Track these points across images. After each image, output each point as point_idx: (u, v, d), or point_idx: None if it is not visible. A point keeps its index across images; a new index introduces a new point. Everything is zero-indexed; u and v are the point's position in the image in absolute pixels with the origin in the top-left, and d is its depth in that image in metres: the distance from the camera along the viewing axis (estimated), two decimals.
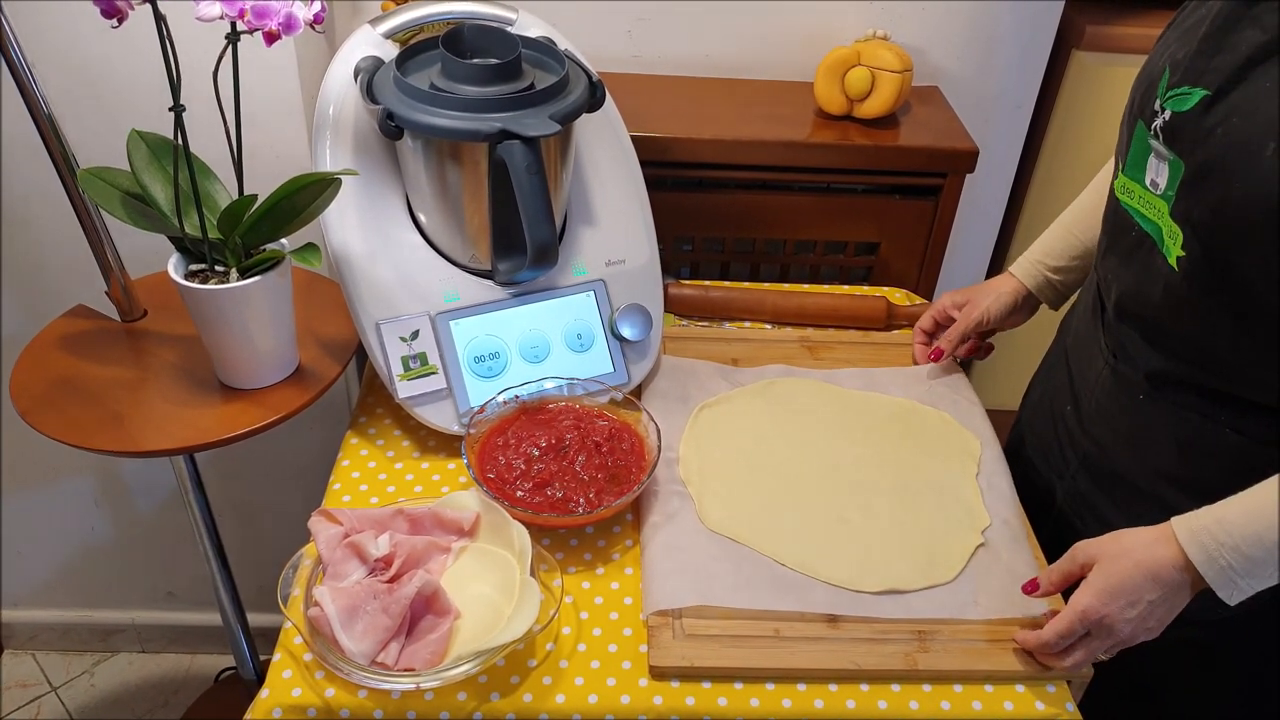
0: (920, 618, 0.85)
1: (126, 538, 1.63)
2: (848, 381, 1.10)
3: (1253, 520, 0.73)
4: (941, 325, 1.15)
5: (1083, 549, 0.80)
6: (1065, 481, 1.01)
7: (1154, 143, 0.82)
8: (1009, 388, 2.02)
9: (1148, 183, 0.83)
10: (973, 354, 1.13)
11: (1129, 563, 0.77)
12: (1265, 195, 0.71)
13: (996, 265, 1.81)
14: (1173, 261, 0.80)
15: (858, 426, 1.04)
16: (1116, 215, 0.89)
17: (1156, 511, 0.81)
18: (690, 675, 0.81)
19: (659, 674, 0.81)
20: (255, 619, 1.35)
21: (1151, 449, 0.89)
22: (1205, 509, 0.76)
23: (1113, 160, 1.02)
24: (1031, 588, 0.85)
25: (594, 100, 0.96)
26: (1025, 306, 1.10)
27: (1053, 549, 0.96)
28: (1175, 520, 0.76)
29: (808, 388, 1.09)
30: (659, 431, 0.94)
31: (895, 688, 0.81)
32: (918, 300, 1.27)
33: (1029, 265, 1.09)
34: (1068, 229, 1.08)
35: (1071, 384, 1.00)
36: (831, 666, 0.81)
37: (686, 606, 0.84)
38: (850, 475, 0.98)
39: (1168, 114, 0.80)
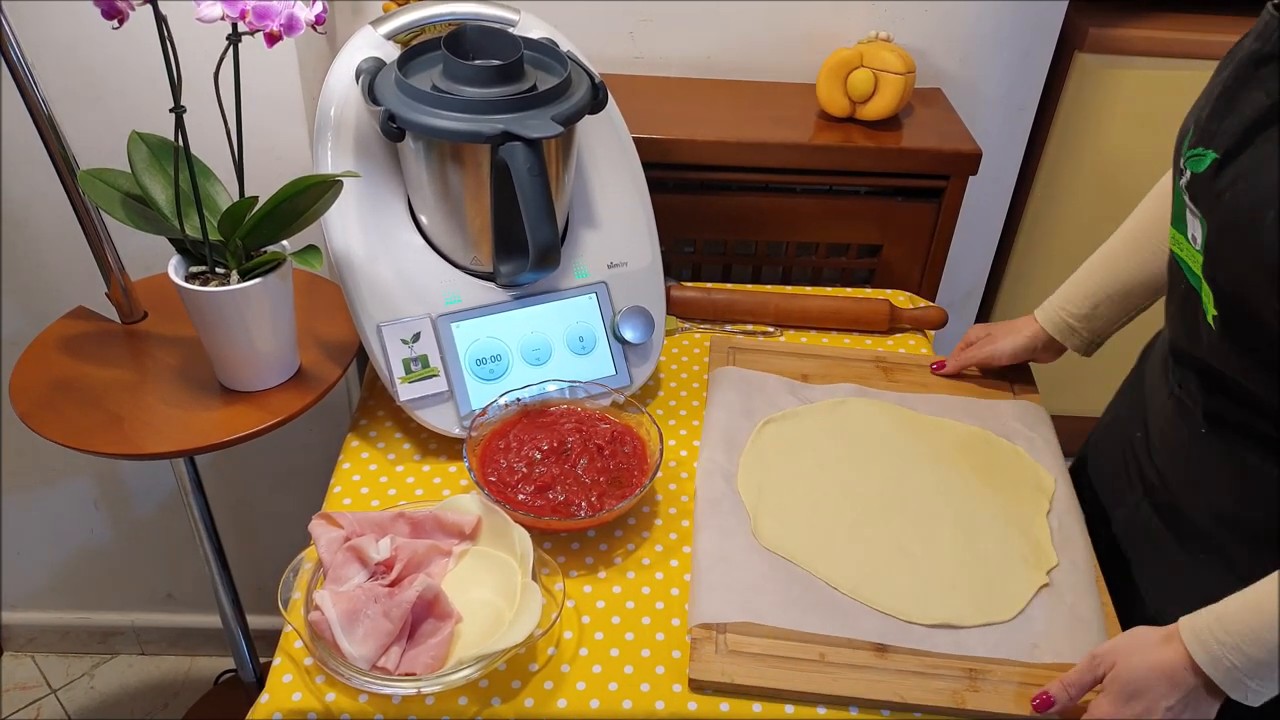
0: (973, 655, 0.82)
1: (126, 540, 1.62)
2: (921, 406, 1.07)
3: (1252, 618, 0.70)
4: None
5: (1101, 655, 0.77)
6: (1125, 509, 0.98)
7: (1185, 199, 0.80)
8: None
9: (1189, 237, 0.80)
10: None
11: (1142, 663, 0.74)
12: (1268, 264, 0.69)
13: (999, 267, 1.80)
14: (1209, 320, 0.79)
15: (927, 453, 1.00)
16: (1172, 263, 0.86)
17: (1215, 556, 0.79)
18: (729, 692, 0.79)
19: (698, 687, 0.79)
20: (255, 621, 1.35)
21: (1210, 487, 0.86)
22: (1209, 608, 0.73)
23: (1148, 198, 1.01)
24: (1043, 705, 0.78)
25: (596, 102, 0.96)
26: (1048, 349, 1.08)
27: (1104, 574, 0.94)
28: (1182, 620, 0.74)
29: (878, 409, 1.06)
30: (661, 435, 0.93)
31: None
32: (921, 302, 1.27)
33: (1051, 310, 1.07)
34: (1091, 274, 1.04)
35: (1145, 410, 0.97)
36: (874, 696, 0.78)
37: (731, 622, 0.82)
38: (914, 502, 0.95)
39: (1188, 174, 0.79)
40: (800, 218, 1.34)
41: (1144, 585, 0.94)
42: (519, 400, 0.97)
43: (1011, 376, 1.13)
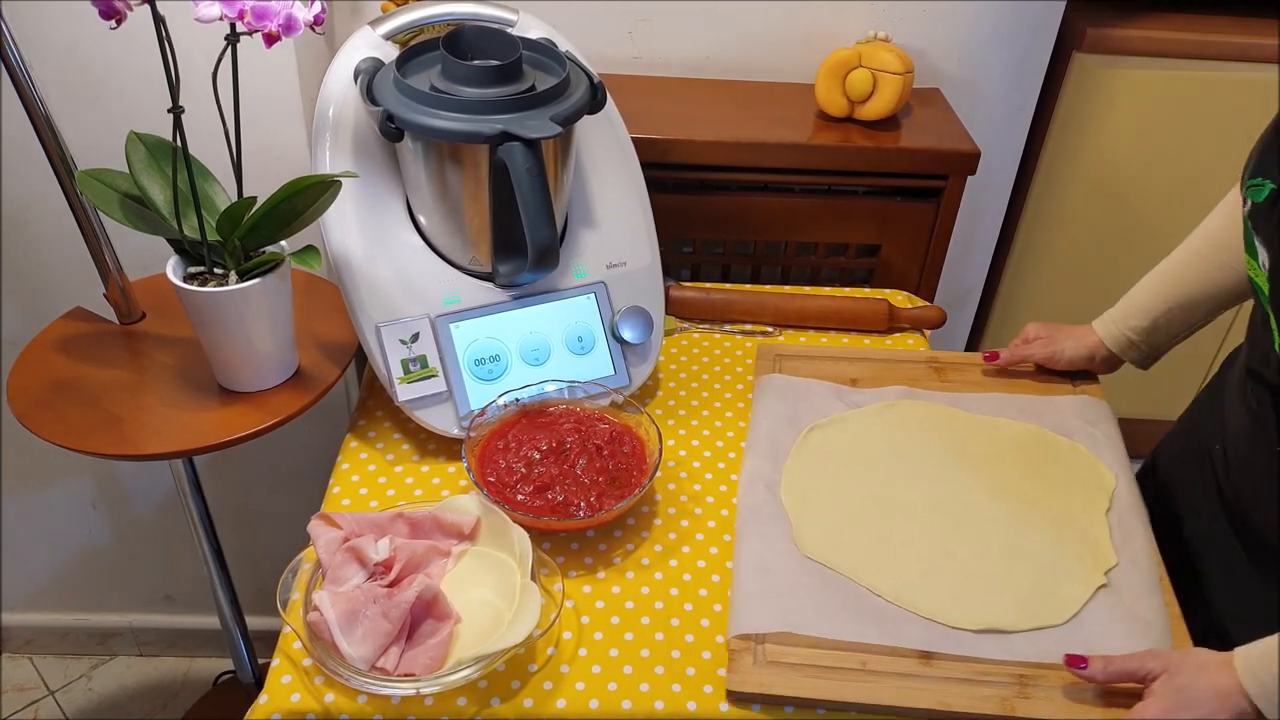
0: (1023, 660, 0.80)
1: (125, 541, 1.62)
2: (975, 406, 1.05)
3: None
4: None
5: (1156, 657, 0.76)
6: (1199, 521, 0.96)
7: (1249, 227, 0.80)
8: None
9: (1260, 263, 0.79)
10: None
11: (1202, 680, 0.73)
12: None
13: (997, 267, 1.81)
14: (1276, 345, 0.78)
15: (979, 454, 0.98)
16: (1251, 284, 0.85)
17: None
18: (770, 702, 0.78)
19: (737, 699, 0.78)
20: (254, 622, 1.34)
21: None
22: (1265, 640, 0.72)
23: (1214, 213, 0.99)
24: (1075, 662, 0.77)
25: (595, 102, 0.96)
26: (1105, 363, 1.07)
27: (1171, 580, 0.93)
28: (1238, 650, 0.74)
29: (928, 411, 1.04)
30: (660, 435, 0.93)
31: None
32: (919, 302, 1.27)
33: (1110, 323, 1.05)
34: (1152, 288, 1.02)
35: (1224, 424, 0.95)
36: (918, 705, 0.76)
37: (770, 632, 0.81)
38: (963, 505, 0.93)
39: (1249, 204, 0.79)
40: (799, 218, 1.35)
41: (1212, 597, 0.92)
42: (518, 400, 0.97)
43: (1072, 372, 1.10)
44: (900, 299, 1.27)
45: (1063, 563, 0.87)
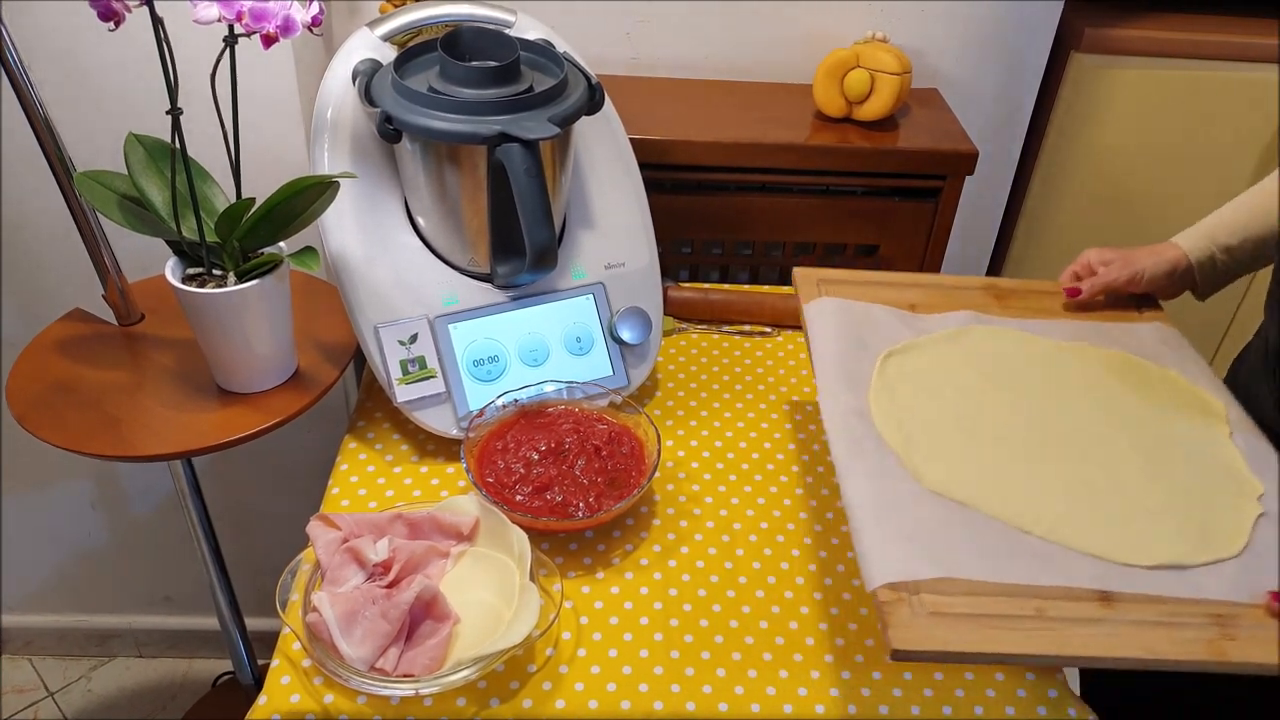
0: (1212, 598, 0.71)
1: (124, 542, 1.62)
2: (1051, 333, 0.96)
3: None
4: (1082, 279, 1.04)
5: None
6: None
7: None
8: None
9: None
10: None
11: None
12: None
13: (995, 266, 1.81)
14: None
15: (1073, 381, 0.89)
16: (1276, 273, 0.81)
17: None
18: (940, 660, 0.70)
19: (902, 657, 0.67)
20: (253, 623, 1.34)
21: None
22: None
23: None
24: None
25: (593, 103, 0.96)
26: (1180, 282, 1.01)
27: None
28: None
29: (1005, 336, 0.95)
30: (658, 435, 0.93)
31: None
32: None
33: (1196, 237, 0.99)
34: (1244, 207, 0.98)
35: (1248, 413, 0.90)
36: (1117, 654, 0.67)
37: (925, 579, 0.71)
38: (1080, 433, 0.84)
39: None
40: (797, 218, 1.35)
41: None
42: (516, 401, 0.97)
43: (1138, 300, 1.02)
44: None
45: (1211, 491, 0.79)
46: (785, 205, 1.33)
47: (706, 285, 1.25)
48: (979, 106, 1.48)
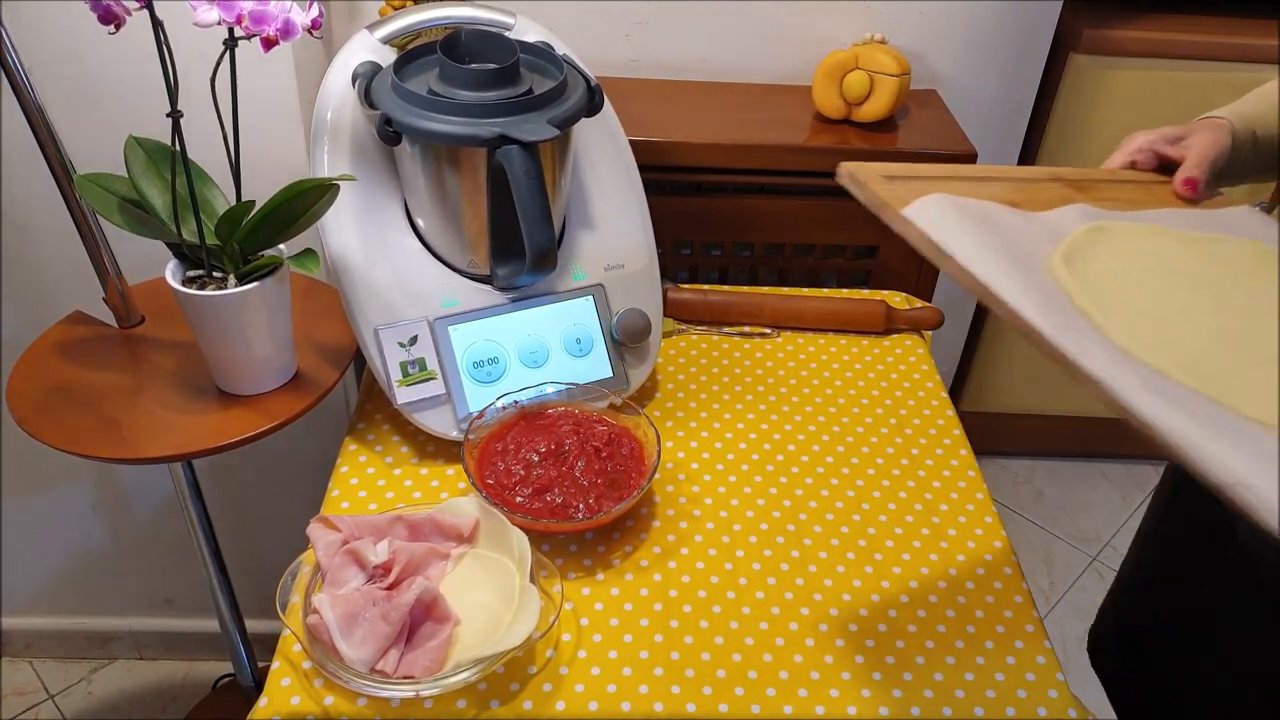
0: None
1: (124, 544, 1.62)
2: (1169, 223, 0.86)
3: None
4: (1141, 168, 0.93)
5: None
6: (1258, 559, 0.89)
7: None
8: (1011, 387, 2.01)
9: None
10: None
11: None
12: None
13: None
14: None
15: (1248, 278, 0.80)
16: None
17: None
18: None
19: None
20: (253, 625, 1.34)
21: None
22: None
23: None
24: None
25: (592, 105, 0.96)
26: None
27: (1227, 586, 0.89)
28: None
29: (1144, 233, 0.84)
30: (658, 436, 0.94)
31: None
32: (917, 303, 1.27)
33: (1236, 116, 0.92)
34: (1263, 99, 0.92)
35: None
36: None
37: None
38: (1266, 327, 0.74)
39: None
40: (797, 219, 1.35)
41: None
42: (516, 403, 0.97)
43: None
44: (898, 300, 1.27)
45: None
46: (785, 207, 1.34)
47: (706, 286, 1.26)
48: (978, 108, 1.48)
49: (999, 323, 1.92)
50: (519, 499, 0.90)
